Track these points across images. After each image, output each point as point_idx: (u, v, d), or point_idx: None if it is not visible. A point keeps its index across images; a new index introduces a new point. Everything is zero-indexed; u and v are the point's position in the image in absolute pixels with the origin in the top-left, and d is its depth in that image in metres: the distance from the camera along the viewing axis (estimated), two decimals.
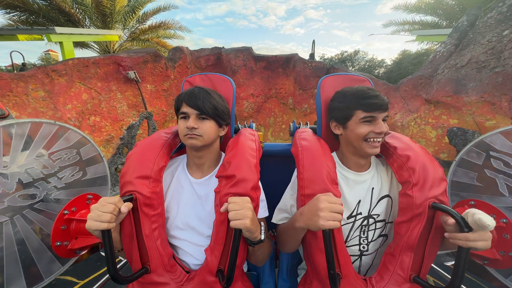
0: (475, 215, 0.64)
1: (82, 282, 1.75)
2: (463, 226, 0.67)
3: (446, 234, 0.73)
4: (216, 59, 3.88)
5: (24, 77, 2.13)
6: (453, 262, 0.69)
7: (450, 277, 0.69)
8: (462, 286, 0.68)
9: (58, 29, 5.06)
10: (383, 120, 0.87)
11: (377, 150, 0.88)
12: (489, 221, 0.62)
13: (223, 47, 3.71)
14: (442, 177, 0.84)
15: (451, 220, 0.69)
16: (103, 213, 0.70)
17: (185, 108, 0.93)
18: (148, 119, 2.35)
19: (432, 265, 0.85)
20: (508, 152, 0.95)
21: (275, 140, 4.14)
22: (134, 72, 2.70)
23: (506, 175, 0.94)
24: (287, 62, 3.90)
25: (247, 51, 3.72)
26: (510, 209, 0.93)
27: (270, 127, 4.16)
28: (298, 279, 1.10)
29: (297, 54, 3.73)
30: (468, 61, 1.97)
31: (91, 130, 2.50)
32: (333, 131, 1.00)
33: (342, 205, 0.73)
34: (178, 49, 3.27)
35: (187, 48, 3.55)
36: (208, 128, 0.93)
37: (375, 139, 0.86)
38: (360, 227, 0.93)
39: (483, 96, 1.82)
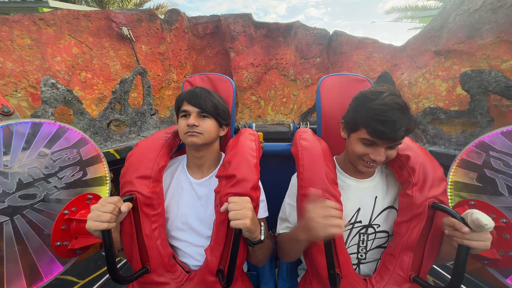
0: (473, 214, 0.63)
1: (82, 282, 1.72)
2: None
3: (446, 231, 0.72)
4: (215, 27, 3.72)
5: (8, 21, 1.99)
6: (453, 262, 0.69)
7: (450, 277, 0.69)
8: (462, 286, 0.68)
9: (52, 3, 4.92)
10: (391, 147, 0.78)
11: (370, 171, 0.86)
12: (487, 221, 0.61)
13: (221, 14, 3.57)
14: (442, 177, 0.83)
15: (460, 225, 0.67)
16: (103, 213, 0.71)
17: (186, 106, 0.93)
18: (142, 75, 2.23)
19: (432, 265, 0.84)
20: (508, 152, 0.94)
21: (276, 114, 4.01)
22: (128, 29, 2.56)
23: (506, 175, 0.94)
24: (288, 30, 3.74)
25: (246, 17, 3.57)
26: (510, 209, 0.92)
27: (271, 100, 4.02)
28: (298, 279, 1.10)
29: (298, 21, 3.60)
30: (482, 4, 1.85)
31: (82, 87, 2.37)
32: (341, 130, 0.94)
33: (340, 209, 0.69)
34: (175, 11, 3.13)
35: (184, 13, 3.40)
36: (209, 126, 0.93)
37: (370, 163, 0.81)
38: (358, 234, 0.91)
39: (500, 36, 1.70)
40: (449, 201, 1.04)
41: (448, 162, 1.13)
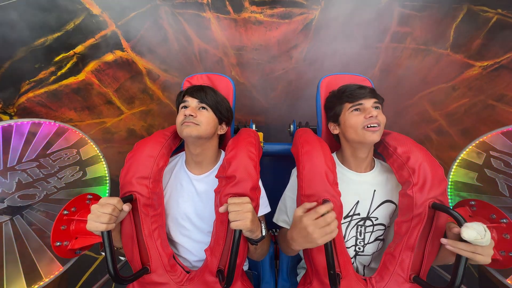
0: (463, 227, 0.64)
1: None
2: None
3: (443, 241, 0.72)
4: None
5: None
6: (453, 262, 0.69)
7: (450, 277, 0.69)
8: (462, 286, 0.68)
9: None
10: (375, 108, 0.90)
11: (376, 136, 0.88)
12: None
13: None
14: (442, 177, 0.84)
15: (456, 229, 0.68)
16: (102, 214, 0.71)
17: (186, 98, 0.94)
18: None
19: (432, 265, 0.85)
20: (508, 152, 0.94)
21: None
22: None
23: (506, 175, 0.94)
24: None
25: None
26: (510, 209, 0.92)
27: None
28: (298, 278, 1.10)
29: None
30: None
31: None
32: (332, 132, 1.02)
33: (333, 208, 0.71)
34: None
35: None
36: (207, 118, 0.92)
37: (370, 125, 0.87)
38: (356, 226, 0.94)
39: None
40: (449, 201, 1.04)
41: None
